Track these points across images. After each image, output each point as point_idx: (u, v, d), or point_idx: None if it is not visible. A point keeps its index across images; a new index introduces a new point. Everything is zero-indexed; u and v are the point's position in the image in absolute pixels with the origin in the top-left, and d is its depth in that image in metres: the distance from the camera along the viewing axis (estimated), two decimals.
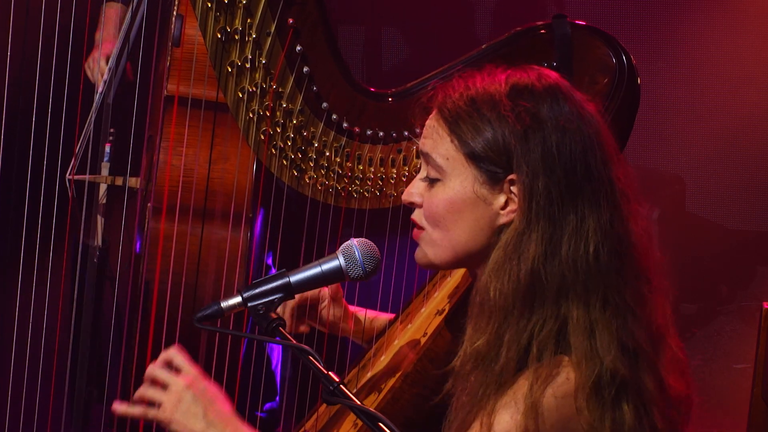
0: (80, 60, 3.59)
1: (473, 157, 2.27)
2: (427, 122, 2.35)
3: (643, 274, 2.27)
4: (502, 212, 2.29)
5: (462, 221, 2.30)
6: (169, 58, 3.15)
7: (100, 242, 3.57)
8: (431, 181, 2.32)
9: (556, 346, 2.21)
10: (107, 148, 3.55)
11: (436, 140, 2.31)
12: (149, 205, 3.19)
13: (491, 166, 2.26)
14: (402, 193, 2.76)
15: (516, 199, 2.27)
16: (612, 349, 2.20)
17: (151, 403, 2.35)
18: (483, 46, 2.79)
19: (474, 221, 2.30)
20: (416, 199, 2.36)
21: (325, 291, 2.74)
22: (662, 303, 2.30)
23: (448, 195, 2.30)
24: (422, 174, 2.35)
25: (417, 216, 2.37)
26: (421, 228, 2.36)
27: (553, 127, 2.24)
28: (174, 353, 2.38)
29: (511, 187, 2.27)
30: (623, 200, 2.27)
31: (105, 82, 3.60)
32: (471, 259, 2.35)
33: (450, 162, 2.29)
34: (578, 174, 2.24)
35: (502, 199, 2.28)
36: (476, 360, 2.25)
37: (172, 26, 3.11)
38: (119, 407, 2.37)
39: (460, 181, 2.29)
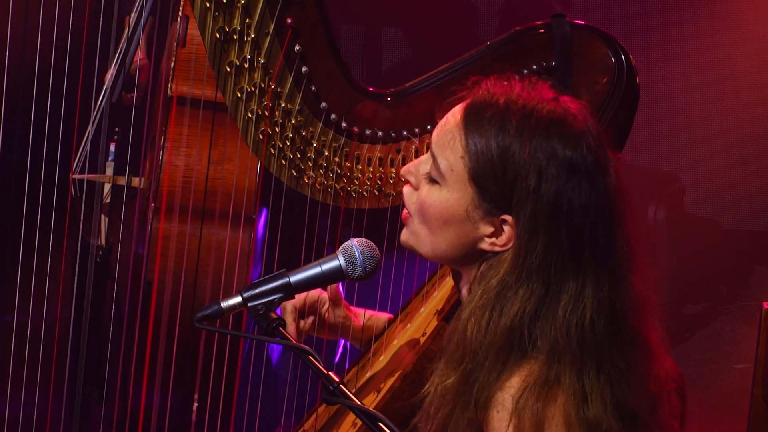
0: (79, 58, 3.58)
1: (477, 183, 2.24)
2: (449, 116, 2.30)
3: (639, 340, 2.25)
4: (486, 239, 2.27)
5: (446, 232, 2.29)
6: (174, 58, 3.15)
7: (103, 242, 3.57)
8: (431, 179, 2.31)
9: (542, 407, 2.18)
10: (112, 148, 3.54)
11: (448, 145, 2.27)
12: (152, 205, 3.19)
13: (490, 199, 2.24)
14: (401, 193, 2.77)
15: (503, 237, 2.25)
16: (606, 416, 2.18)
17: None
18: (482, 46, 2.78)
19: (457, 237, 2.29)
20: (412, 180, 2.35)
21: (325, 295, 2.74)
22: (659, 358, 2.28)
23: (441, 204, 2.29)
24: (427, 165, 2.32)
25: (408, 196, 2.35)
26: (410, 214, 2.35)
27: (569, 188, 2.19)
28: None
29: (503, 226, 2.25)
30: (624, 269, 2.23)
31: (108, 82, 3.60)
32: (449, 262, 2.37)
33: (453, 174, 2.27)
34: (584, 241, 2.20)
35: (490, 229, 2.26)
36: (444, 399, 2.24)
37: (178, 27, 3.11)
38: None
39: (457, 197, 2.27)
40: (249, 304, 2.35)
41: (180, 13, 3.12)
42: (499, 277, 2.23)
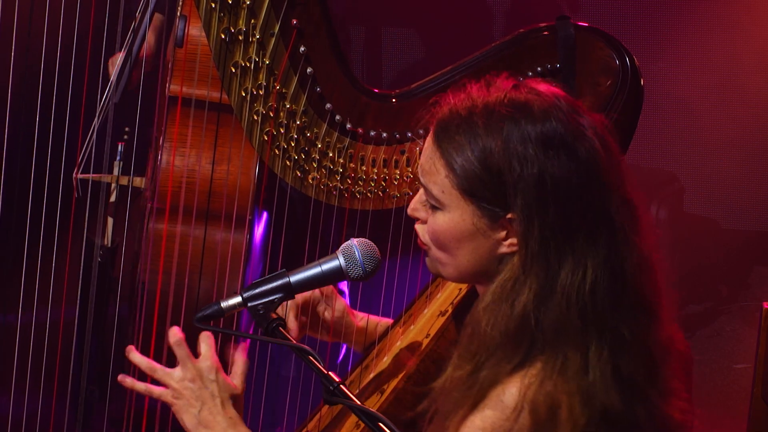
0: (84, 58, 3.58)
1: (470, 195, 2.25)
2: (425, 145, 2.31)
3: (642, 305, 2.25)
4: (504, 243, 2.27)
5: (463, 248, 2.29)
6: (171, 58, 3.15)
7: (109, 242, 3.57)
8: (432, 207, 2.32)
9: (543, 385, 2.20)
10: (120, 147, 3.54)
11: (432, 171, 2.28)
12: (149, 205, 3.19)
13: (488, 205, 2.24)
14: (405, 194, 2.78)
15: (516, 236, 2.25)
16: (605, 387, 2.19)
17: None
18: (486, 48, 2.78)
19: (474, 250, 2.29)
20: (421, 215, 2.35)
21: (317, 292, 2.74)
22: (665, 325, 2.28)
23: (448, 225, 2.28)
24: (424, 195, 2.33)
25: (420, 230, 2.36)
26: (425, 243, 2.36)
27: (549, 164, 2.19)
28: (206, 337, 2.41)
29: (512, 224, 2.25)
30: (621, 234, 2.23)
31: (112, 82, 3.60)
32: (476, 278, 2.37)
33: (446, 195, 2.27)
34: (574, 213, 2.20)
35: (503, 232, 2.26)
36: (455, 389, 2.26)
37: (176, 27, 3.11)
38: (126, 380, 2.45)
39: (460, 213, 2.27)
40: (249, 304, 2.36)
41: (178, 13, 3.12)
42: (511, 271, 2.24)
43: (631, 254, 2.24)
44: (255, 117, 2.77)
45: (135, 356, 2.46)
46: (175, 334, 2.42)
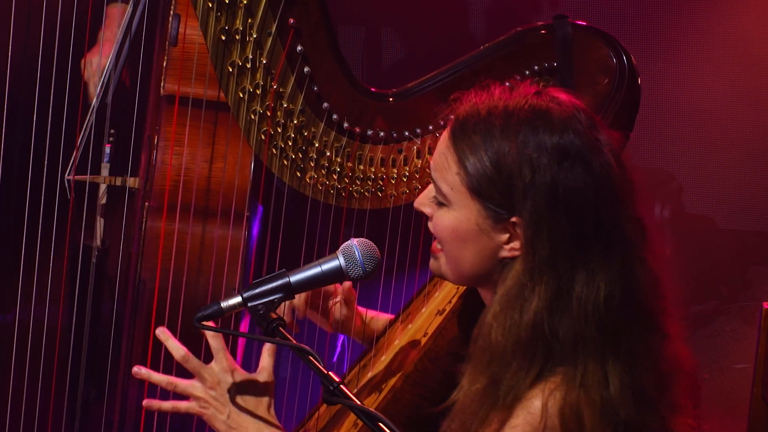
0: (80, 60, 3.58)
1: (478, 194, 2.25)
2: (440, 140, 2.32)
3: (653, 321, 2.26)
4: (505, 246, 2.28)
5: (465, 249, 2.30)
6: (166, 57, 3.15)
7: (99, 243, 3.57)
8: (439, 203, 2.32)
9: (566, 395, 2.21)
10: (107, 149, 3.54)
11: (443, 167, 2.29)
12: (146, 204, 3.19)
13: (495, 206, 2.25)
14: (402, 193, 2.78)
15: (520, 240, 2.25)
16: (625, 401, 2.20)
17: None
18: (483, 47, 2.78)
19: (477, 251, 2.30)
20: (427, 210, 2.37)
21: (339, 288, 2.74)
22: (673, 342, 2.28)
23: (453, 223, 2.29)
24: (433, 191, 2.35)
25: (432, 229, 2.37)
26: (440, 246, 2.36)
27: (562, 175, 2.20)
28: (213, 337, 2.39)
29: (515, 229, 2.25)
30: (633, 251, 2.24)
31: (104, 82, 3.60)
32: (477, 281, 2.37)
33: (455, 193, 2.28)
34: (587, 226, 2.21)
35: (505, 235, 2.27)
36: (474, 403, 2.25)
37: (169, 25, 3.11)
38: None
39: (465, 213, 2.28)
40: (249, 304, 2.35)
41: (172, 12, 3.12)
42: (516, 278, 2.24)
43: (642, 271, 2.25)
44: (252, 116, 2.77)
45: (153, 375, 2.42)
46: (178, 350, 2.39)
